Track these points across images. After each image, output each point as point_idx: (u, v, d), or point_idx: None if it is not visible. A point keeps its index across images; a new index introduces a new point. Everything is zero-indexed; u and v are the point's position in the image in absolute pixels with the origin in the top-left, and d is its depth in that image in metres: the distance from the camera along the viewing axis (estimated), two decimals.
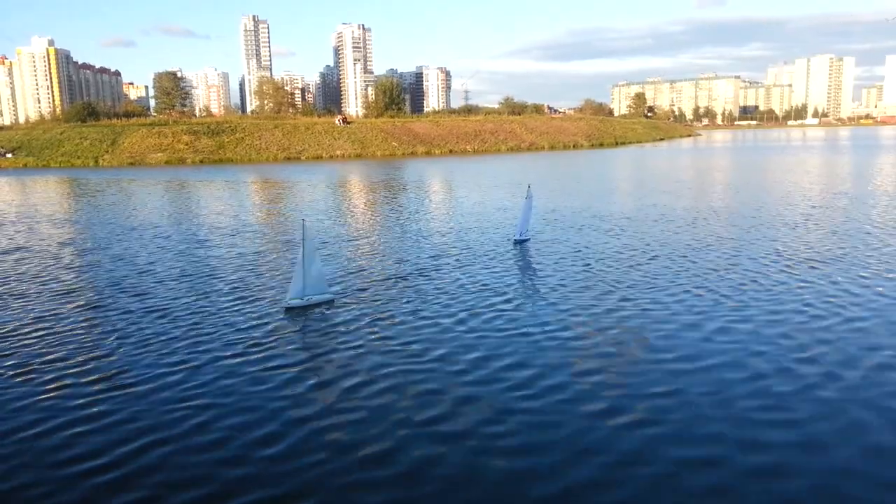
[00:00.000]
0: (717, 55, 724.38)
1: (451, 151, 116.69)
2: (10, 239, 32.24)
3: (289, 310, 17.81)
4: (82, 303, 19.56)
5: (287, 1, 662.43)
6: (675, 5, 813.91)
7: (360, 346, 15.26)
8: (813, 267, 22.36)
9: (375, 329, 16.47)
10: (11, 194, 57.96)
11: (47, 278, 23.05)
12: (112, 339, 16.13)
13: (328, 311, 18.02)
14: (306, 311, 17.94)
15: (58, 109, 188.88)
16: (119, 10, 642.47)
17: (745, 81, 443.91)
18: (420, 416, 11.64)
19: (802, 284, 20.08)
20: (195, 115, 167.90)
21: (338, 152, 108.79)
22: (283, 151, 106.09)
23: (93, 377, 13.69)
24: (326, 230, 32.53)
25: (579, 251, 25.90)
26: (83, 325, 17.33)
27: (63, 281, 22.59)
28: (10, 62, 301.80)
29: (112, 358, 14.83)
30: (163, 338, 16.14)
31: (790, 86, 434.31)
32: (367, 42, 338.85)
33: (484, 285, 20.63)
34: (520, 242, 27.20)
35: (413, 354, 14.69)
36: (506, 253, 25.91)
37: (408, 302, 18.94)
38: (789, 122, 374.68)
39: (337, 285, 20.75)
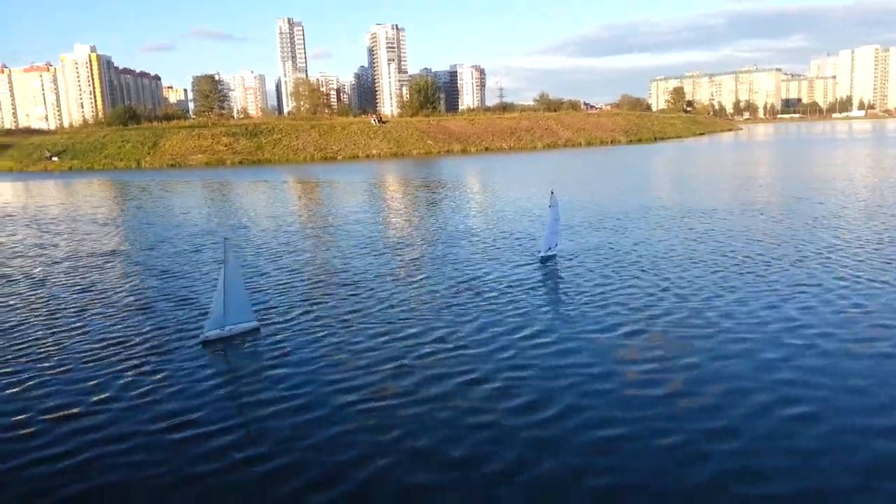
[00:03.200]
0: (757, 48, 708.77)
1: (486, 149, 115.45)
2: (96, 241, 32.11)
3: (206, 343, 15.43)
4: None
5: (321, 3, 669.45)
6: None
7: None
8: None
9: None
10: (73, 196, 58.74)
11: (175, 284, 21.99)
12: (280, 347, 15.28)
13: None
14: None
15: (100, 114, 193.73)
16: (158, 15, 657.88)
17: (786, 74, 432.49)
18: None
19: None
20: (233, 117, 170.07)
21: (374, 151, 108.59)
22: (319, 151, 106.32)
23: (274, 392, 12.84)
24: (358, 234, 31.09)
25: (691, 254, 23.29)
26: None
27: (183, 288, 21.36)
28: (55, 69, 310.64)
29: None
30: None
31: (834, 77, 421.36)
32: (401, 42, 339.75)
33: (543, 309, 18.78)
34: (547, 259, 23.19)
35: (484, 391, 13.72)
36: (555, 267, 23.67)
37: (453, 328, 17.72)
38: (834, 115, 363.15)
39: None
